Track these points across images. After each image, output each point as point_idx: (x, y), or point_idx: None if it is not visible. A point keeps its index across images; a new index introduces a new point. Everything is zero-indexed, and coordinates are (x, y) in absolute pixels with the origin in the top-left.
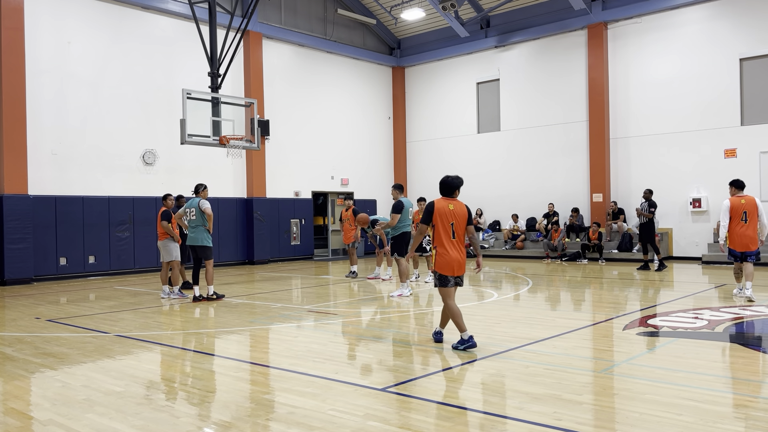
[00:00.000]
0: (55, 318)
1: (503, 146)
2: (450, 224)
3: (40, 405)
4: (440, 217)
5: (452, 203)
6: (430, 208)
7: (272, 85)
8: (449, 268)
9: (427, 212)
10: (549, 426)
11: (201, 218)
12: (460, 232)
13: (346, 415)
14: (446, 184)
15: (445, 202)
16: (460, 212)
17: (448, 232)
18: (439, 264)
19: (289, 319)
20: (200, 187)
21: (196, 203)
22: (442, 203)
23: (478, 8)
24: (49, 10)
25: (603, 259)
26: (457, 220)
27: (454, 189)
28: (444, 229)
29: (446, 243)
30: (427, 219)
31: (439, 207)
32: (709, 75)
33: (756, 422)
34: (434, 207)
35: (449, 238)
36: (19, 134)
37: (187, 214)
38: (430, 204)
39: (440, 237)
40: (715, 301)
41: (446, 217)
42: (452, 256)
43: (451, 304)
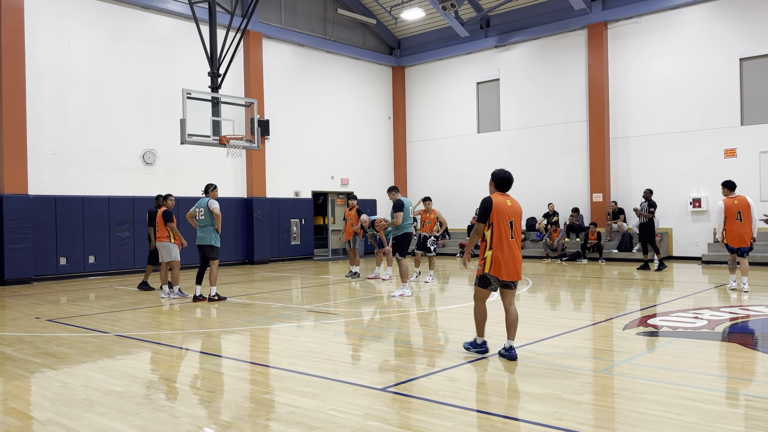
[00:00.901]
0: (55, 318)
1: (503, 146)
2: (509, 223)
3: (40, 405)
4: (498, 214)
5: (509, 199)
6: (488, 204)
7: (272, 85)
8: (503, 271)
9: (485, 209)
10: (549, 426)
11: (210, 218)
12: (518, 232)
13: (346, 415)
14: (504, 179)
15: (503, 198)
16: (518, 210)
17: (506, 231)
18: (495, 265)
19: (289, 319)
20: (210, 187)
21: (205, 203)
22: (500, 199)
23: (478, 8)
24: (49, 10)
25: (603, 259)
26: (516, 219)
27: (511, 183)
28: (503, 228)
29: (504, 244)
30: (484, 217)
31: (497, 203)
32: (709, 75)
33: (756, 422)
34: (492, 203)
35: (507, 238)
36: (19, 134)
37: (196, 214)
38: (487, 200)
39: (498, 237)
40: (715, 301)
41: (505, 214)
42: (509, 259)
43: (483, 308)
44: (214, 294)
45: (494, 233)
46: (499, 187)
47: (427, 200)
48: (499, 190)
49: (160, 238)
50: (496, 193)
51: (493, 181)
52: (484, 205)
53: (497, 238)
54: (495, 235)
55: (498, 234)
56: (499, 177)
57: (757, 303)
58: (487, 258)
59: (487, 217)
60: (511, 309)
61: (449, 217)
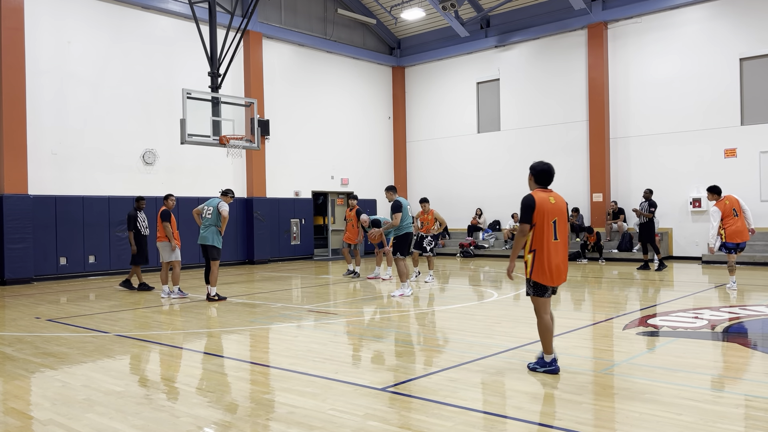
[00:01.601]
0: (55, 318)
1: (503, 146)
2: (552, 222)
3: (40, 405)
4: (541, 213)
5: (552, 195)
6: (531, 202)
7: (272, 85)
8: (548, 276)
9: (528, 208)
10: (549, 426)
11: (216, 218)
12: (563, 232)
13: (346, 415)
14: (544, 171)
15: (545, 194)
16: (562, 207)
17: (549, 232)
18: (537, 271)
19: (289, 318)
20: (228, 192)
21: (216, 203)
22: (543, 196)
23: (478, 8)
24: (49, 10)
25: (603, 258)
26: (560, 217)
27: (552, 176)
28: (546, 228)
29: (546, 245)
30: (528, 217)
31: (540, 201)
32: (709, 75)
33: (756, 422)
34: (536, 201)
35: (550, 240)
36: (19, 134)
37: (204, 211)
38: (529, 198)
39: (540, 238)
40: (715, 301)
41: (548, 213)
42: (553, 262)
43: (547, 319)
44: (214, 294)
45: (535, 235)
46: (539, 181)
47: (425, 201)
48: (539, 185)
49: (160, 238)
50: (537, 189)
51: (533, 174)
52: (527, 204)
53: (538, 240)
54: (536, 236)
55: (540, 235)
56: (539, 169)
57: (757, 303)
58: (528, 262)
59: (530, 217)
60: (551, 315)
61: (449, 217)
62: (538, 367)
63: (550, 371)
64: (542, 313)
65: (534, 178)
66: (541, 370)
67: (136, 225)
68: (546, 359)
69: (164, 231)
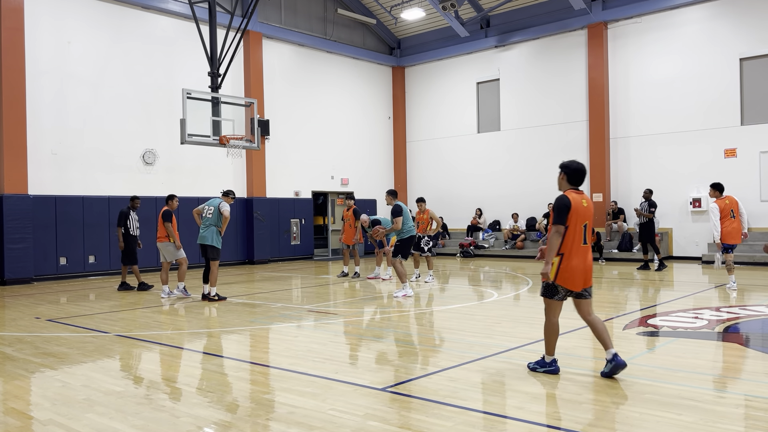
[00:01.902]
0: (55, 318)
1: (503, 146)
2: (583, 226)
3: (40, 405)
4: (576, 216)
5: (584, 198)
6: (567, 203)
7: (272, 85)
8: (574, 280)
9: (564, 208)
10: (549, 426)
11: (216, 218)
12: (590, 237)
13: (346, 415)
14: (578, 171)
15: (578, 196)
16: (591, 211)
17: (579, 235)
18: (564, 274)
19: (289, 319)
20: (229, 193)
21: (217, 203)
22: (577, 198)
23: (478, 8)
24: (49, 10)
25: (603, 258)
26: (589, 222)
27: (584, 176)
28: (577, 231)
29: (575, 248)
30: (563, 218)
31: (575, 203)
32: (709, 75)
33: (756, 422)
34: (571, 202)
35: (580, 243)
36: (19, 134)
37: (204, 211)
38: (564, 199)
39: (569, 241)
40: (715, 301)
41: (580, 216)
42: (580, 266)
43: (555, 322)
44: (214, 294)
45: (566, 237)
46: (572, 181)
47: (421, 201)
48: (572, 185)
49: (160, 238)
50: (571, 189)
51: (566, 174)
52: (562, 204)
53: (569, 243)
54: (566, 239)
55: (571, 238)
56: (573, 168)
57: (757, 303)
58: (554, 264)
59: (566, 219)
60: (593, 319)
61: (449, 217)
62: (538, 367)
63: (549, 371)
64: (551, 315)
65: (567, 177)
66: (540, 370)
67: (126, 223)
68: (546, 359)
69: (165, 230)
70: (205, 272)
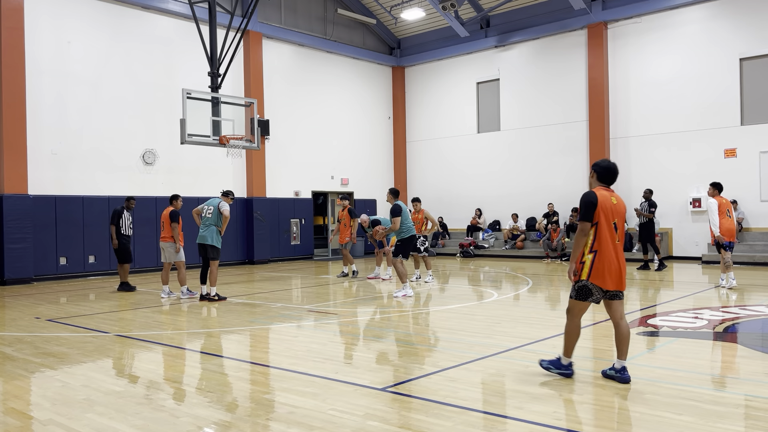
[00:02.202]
0: (55, 318)
1: (503, 146)
2: (613, 223)
3: (40, 405)
4: (603, 212)
5: (614, 196)
6: (592, 199)
7: (272, 85)
8: (607, 279)
9: (589, 205)
10: (549, 426)
11: (216, 218)
12: (622, 235)
13: (346, 415)
14: (608, 169)
15: (607, 193)
16: (622, 210)
17: (611, 232)
18: (596, 273)
19: (289, 319)
20: (229, 193)
21: (216, 203)
22: (605, 194)
23: (478, 8)
24: (49, 10)
25: None
26: (620, 220)
27: (616, 176)
28: (607, 228)
29: (607, 247)
30: (589, 214)
31: (602, 198)
32: (709, 75)
33: (756, 422)
34: (597, 199)
35: (612, 241)
36: (19, 134)
37: (204, 211)
38: (590, 195)
39: (601, 238)
40: (715, 301)
41: (610, 212)
42: (614, 265)
43: (577, 323)
44: (214, 294)
45: (597, 234)
46: (602, 180)
47: (416, 201)
48: (602, 183)
49: (165, 238)
50: (599, 186)
51: (596, 172)
52: (588, 201)
53: (600, 240)
54: (599, 236)
55: (602, 235)
56: (603, 167)
57: (757, 303)
58: (586, 262)
59: (591, 215)
60: (622, 323)
61: (449, 217)
62: (553, 367)
63: (564, 374)
64: (574, 317)
65: (597, 176)
66: (555, 371)
67: (119, 221)
68: (563, 361)
69: (171, 231)
70: (203, 272)
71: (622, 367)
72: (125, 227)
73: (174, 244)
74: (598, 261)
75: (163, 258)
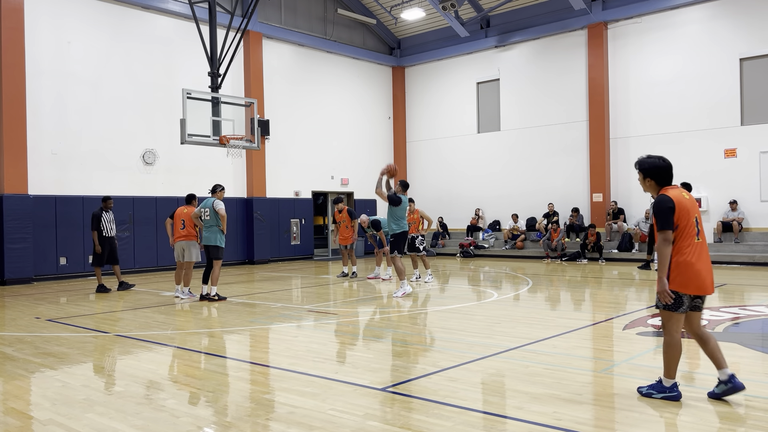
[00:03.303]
0: (55, 318)
1: (503, 146)
2: (694, 220)
3: (40, 405)
4: (681, 213)
5: (684, 192)
6: (670, 203)
7: (272, 85)
8: (693, 284)
9: (668, 211)
10: (549, 426)
11: (215, 218)
12: (702, 233)
13: (346, 415)
14: (666, 169)
15: (678, 191)
16: (695, 203)
17: (692, 231)
18: (684, 278)
19: (289, 319)
20: (217, 188)
21: (210, 203)
22: (677, 193)
23: (478, 8)
24: (49, 10)
25: (603, 259)
26: (699, 214)
27: (672, 172)
28: (689, 227)
29: (690, 247)
30: (669, 221)
31: (678, 198)
32: (710, 75)
33: (756, 422)
34: (674, 202)
35: (693, 240)
36: (19, 134)
37: (201, 214)
38: (665, 199)
39: (683, 240)
40: (715, 301)
41: (687, 211)
42: (697, 267)
43: (678, 339)
44: (214, 294)
45: (679, 236)
46: (662, 182)
47: (410, 202)
48: (663, 184)
49: (188, 237)
50: (668, 187)
51: (653, 178)
52: (665, 206)
53: (682, 241)
54: (680, 238)
55: (684, 236)
56: (660, 167)
57: (757, 303)
58: (673, 271)
59: (672, 221)
60: (705, 333)
61: (449, 217)
62: (654, 392)
63: (669, 398)
64: (673, 331)
65: (656, 180)
66: (658, 396)
67: (99, 225)
68: (665, 383)
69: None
70: (205, 273)
71: (728, 377)
72: (107, 230)
73: (196, 243)
74: (679, 266)
75: (183, 257)
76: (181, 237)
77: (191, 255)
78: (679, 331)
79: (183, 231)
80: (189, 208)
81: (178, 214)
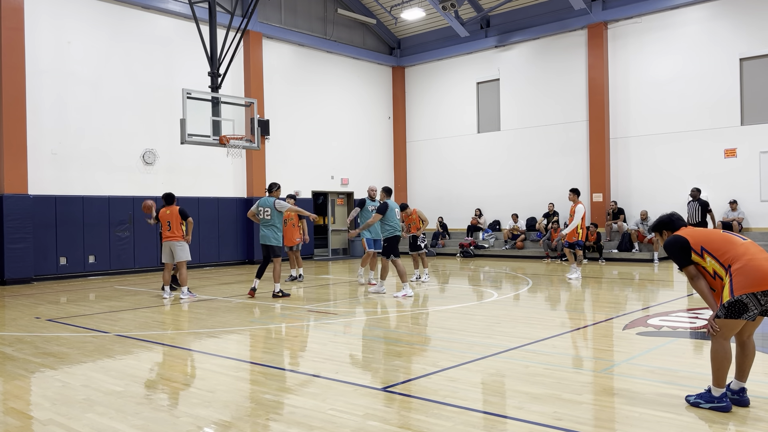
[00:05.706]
0: (55, 318)
1: (503, 146)
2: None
3: (40, 405)
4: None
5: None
6: (681, 241)
7: (272, 85)
8: (759, 279)
9: (682, 249)
10: (549, 426)
11: (276, 218)
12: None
13: (346, 415)
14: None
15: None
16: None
17: (730, 239)
18: (749, 279)
19: (289, 319)
20: (273, 187)
21: (271, 203)
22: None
23: (478, 8)
24: (49, 10)
25: (603, 259)
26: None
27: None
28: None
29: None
30: (687, 257)
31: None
32: (710, 75)
33: (756, 422)
34: (684, 236)
35: (740, 242)
36: (19, 134)
37: (261, 213)
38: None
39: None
40: None
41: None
42: (758, 259)
43: (728, 346)
44: (278, 291)
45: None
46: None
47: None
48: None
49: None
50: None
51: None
52: (676, 247)
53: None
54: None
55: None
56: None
57: None
58: (725, 285)
59: (689, 256)
60: (750, 342)
61: (449, 217)
62: (702, 402)
63: (719, 408)
64: (724, 340)
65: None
66: (706, 406)
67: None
68: (714, 393)
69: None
70: (262, 268)
71: (740, 389)
72: None
73: (184, 243)
74: (738, 272)
75: (171, 258)
76: (169, 238)
77: (181, 255)
78: (730, 338)
79: (170, 232)
80: (172, 209)
81: (163, 216)
